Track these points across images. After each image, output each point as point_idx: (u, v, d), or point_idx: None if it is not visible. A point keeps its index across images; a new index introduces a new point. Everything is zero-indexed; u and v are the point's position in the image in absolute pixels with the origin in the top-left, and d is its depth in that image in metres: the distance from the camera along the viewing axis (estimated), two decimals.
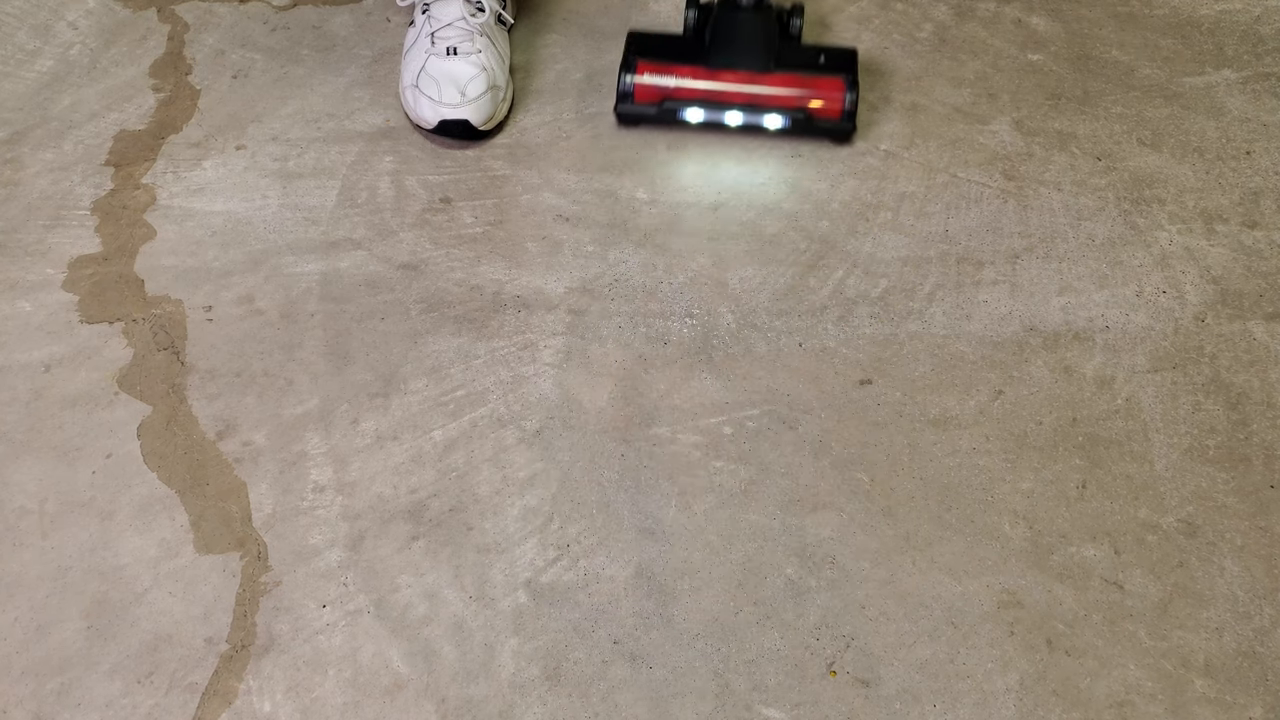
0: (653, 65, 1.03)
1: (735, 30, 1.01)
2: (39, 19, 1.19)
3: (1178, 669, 0.69)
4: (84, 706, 0.68)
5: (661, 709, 0.67)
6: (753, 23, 1.01)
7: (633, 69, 1.03)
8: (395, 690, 0.68)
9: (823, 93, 1.01)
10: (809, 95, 1.01)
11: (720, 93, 1.02)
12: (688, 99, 1.02)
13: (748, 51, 1.01)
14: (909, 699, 0.68)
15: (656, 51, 1.04)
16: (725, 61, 1.02)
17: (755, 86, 1.01)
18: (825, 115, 1.01)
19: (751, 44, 1.01)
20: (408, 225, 0.97)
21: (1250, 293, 0.91)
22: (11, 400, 0.84)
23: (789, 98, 1.01)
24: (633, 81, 1.03)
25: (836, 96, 1.01)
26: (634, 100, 1.03)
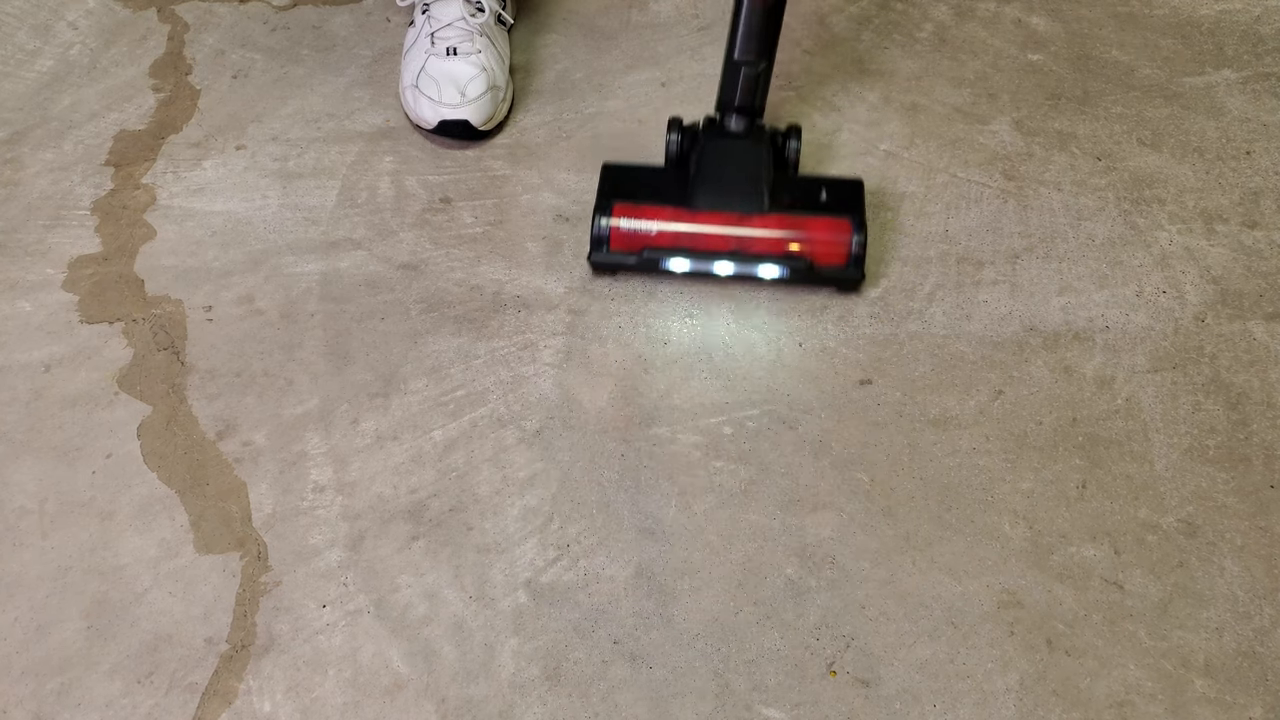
0: (630, 208, 0.89)
1: (724, 164, 0.89)
2: (39, 19, 1.19)
3: (1178, 669, 0.69)
4: (84, 706, 0.68)
5: (661, 709, 0.67)
6: (744, 154, 0.90)
7: (608, 211, 0.89)
8: (395, 690, 0.68)
9: (825, 237, 0.88)
10: (810, 241, 0.88)
11: (707, 239, 0.89)
12: (670, 247, 0.89)
13: (738, 190, 0.89)
14: (909, 699, 0.68)
15: (635, 188, 0.91)
16: (713, 202, 0.89)
17: (747, 230, 0.88)
18: (829, 263, 0.88)
19: (742, 180, 0.89)
20: (408, 225, 0.97)
21: (1250, 293, 0.91)
22: (11, 400, 0.84)
23: (786, 245, 0.88)
24: (608, 226, 0.89)
25: (842, 241, 0.88)
26: (609, 248, 0.90)
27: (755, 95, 0.89)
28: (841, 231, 0.88)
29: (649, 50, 1.16)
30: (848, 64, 1.14)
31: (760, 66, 0.87)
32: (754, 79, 0.88)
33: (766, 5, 0.85)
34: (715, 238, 0.89)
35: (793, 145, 0.92)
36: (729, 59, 0.88)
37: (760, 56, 0.87)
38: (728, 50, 0.88)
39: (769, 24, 0.86)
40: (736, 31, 0.86)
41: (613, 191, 0.91)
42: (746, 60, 0.87)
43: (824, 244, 0.88)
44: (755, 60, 0.87)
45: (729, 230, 0.88)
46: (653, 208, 0.90)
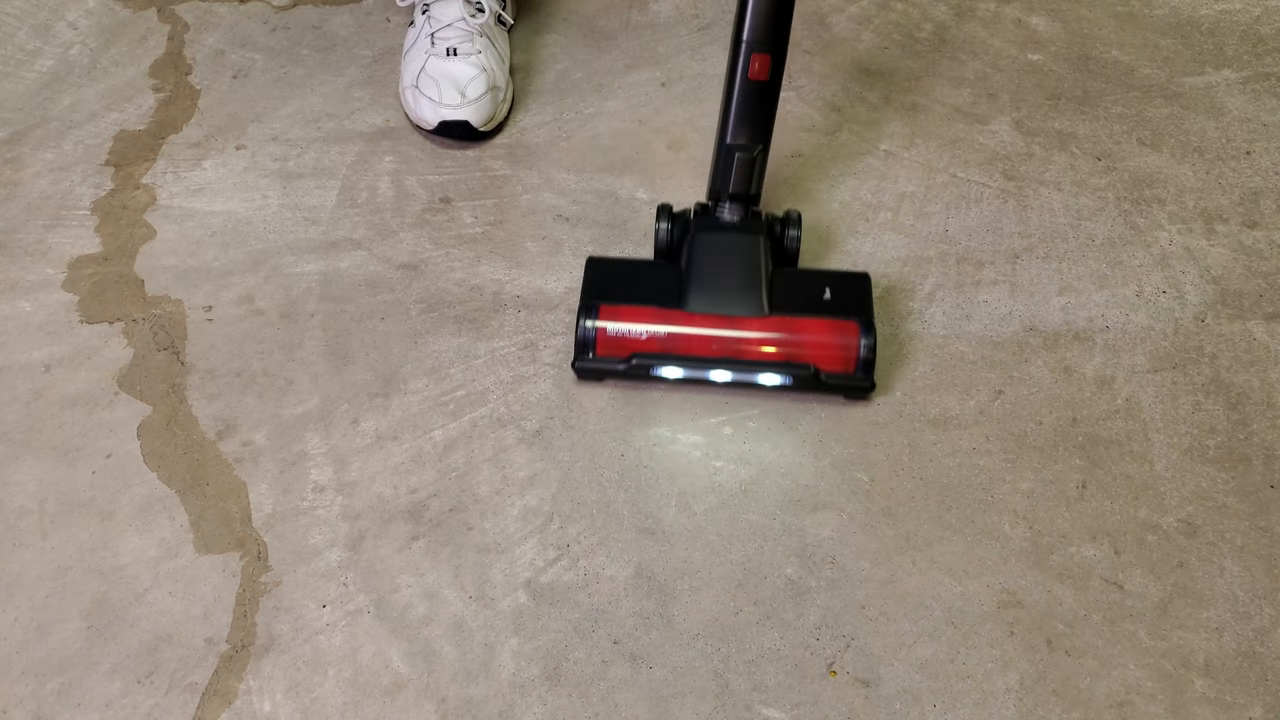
0: (617, 309, 0.82)
1: (718, 261, 0.82)
2: (39, 19, 1.19)
3: (1178, 669, 0.69)
4: (84, 706, 0.68)
5: (661, 709, 0.67)
6: (739, 249, 0.82)
7: (593, 313, 0.81)
8: (395, 690, 0.68)
9: (831, 340, 0.80)
10: (814, 346, 0.80)
11: (702, 344, 0.81)
12: (662, 353, 0.81)
13: (734, 290, 0.81)
14: (909, 699, 0.68)
15: (622, 285, 0.84)
16: (707, 303, 0.81)
17: (745, 334, 0.80)
18: (836, 369, 0.81)
19: (739, 279, 0.81)
20: (408, 225, 0.97)
21: (1250, 293, 0.91)
22: (11, 400, 0.84)
23: (789, 350, 0.81)
24: (594, 329, 0.81)
25: (849, 345, 0.80)
26: (595, 353, 0.82)
27: (751, 183, 0.82)
28: (848, 335, 0.80)
29: (649, 50, 1.16)
30: (848, 64, 1.14)
31: (755, 152, 0.81)
32: (749, 165, 0.81)
33: (761, 85, 0.79)
34: (710, 343, 0.81)
35: (792, 234, 0.85)
36: (721, 143, 0.82)
37: (755, 141, 0.81)
38: (719, 133, 0.82)
39: (764, 105, 0.80)
40: (728, 114, 0.80)
41: (598, 290, 0.83)
42: (740, 145, 0.81)
43: (830, 349, 0.80)
44: (749, 145, 0.81)
45: (725, 334, 0.81)
46: (641, 309, 0.82)
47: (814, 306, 0.82)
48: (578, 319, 0.82)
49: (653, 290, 0.83)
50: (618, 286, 0.83)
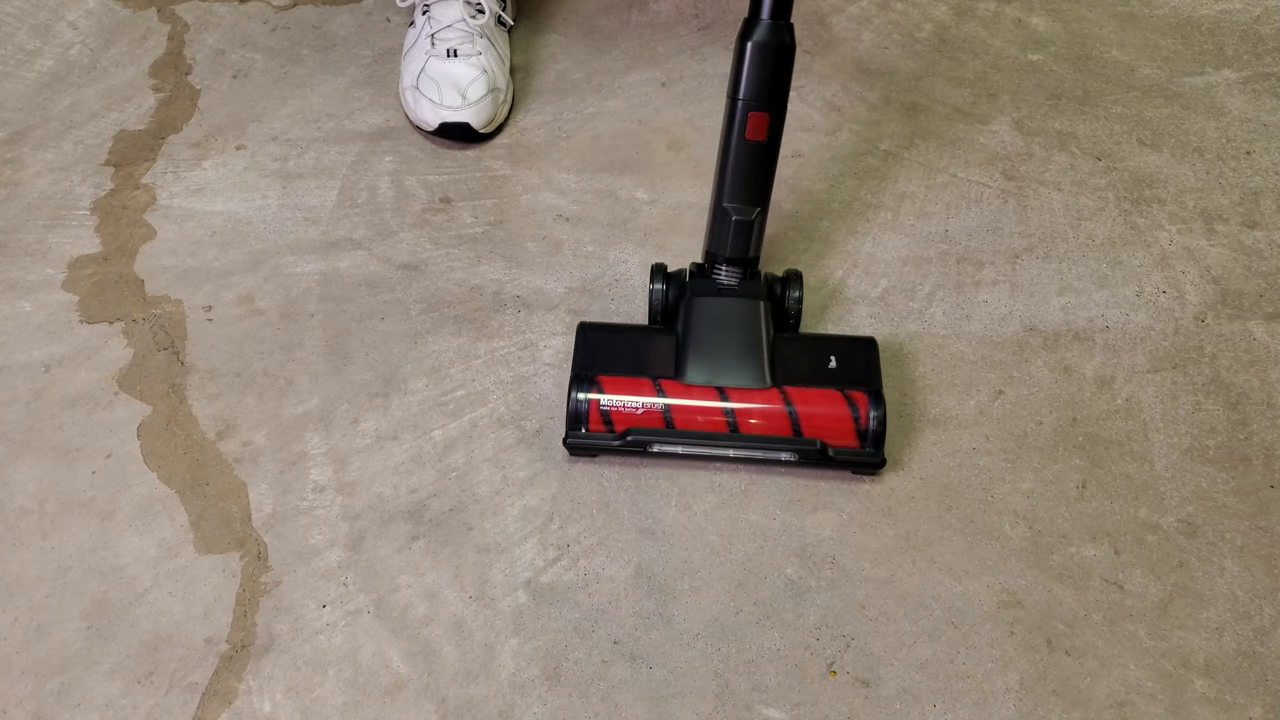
0: (612, 381, 0.77)
1: (716, 329, 0.78)
2: (39, 19, 1.19)
3: (1178, 669, 0.69)
4: (84, 706, 0.68)
5: (661, 709, 0.67)
6: (738, 316, 0.78)
7: (585, 385, 0.77)
8: (395, 690, 0.68)
9: (838, 413, 0.76)
10: (820, 419, 0.76)
11: (701, 421, 0.76)
12: (658, 429, 0.77)
13: (734, 360, 0.77)
14: (909, 699, 0.68)
15: (616, 354, 0.79)
16: (706, 375, 0.77)
17: (747, 407, 0.76)
18: (844, 443, 0.76)
19: (739, 350, 0.77)
20: (408, 225, 0.97)
21: (1250, 293, 0.91)
22: (11, 400, 0.84)
23: (793, 425, 0.76)
24: (586, 403, 0.77)
25: (858, 418, 0.76)
26: (588, 427, 0.77)
27: (749, 246, 0.78)
28: (857, 407, 0.76)
29: (649, 50, 1.16)
30: (848, 64, 1.14)
31: (753, 215, 0.77)
32: (746, 228, 0.78)
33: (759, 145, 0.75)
34: (710, 419, 0.76)
35: (793, 296, 0.81)
36: (717, 204, 0.78)
37: (753, 204, 0.77)
38: (715, 193, 0.78)
39: (762, 166, 0.77)
40: (724, 174, 0.77)
41: (591, 360, 0.79)
42: (736, 208, 0.77)
43: (837, 422, 0.76)
44: (746, 208, 0.77)
45: (726, 407, 0.76)
46: (636, 380, 0.77)
47: (819, 376, 0.77)
48: (569, 391, 0.77)
49: (648, 359, 0.79)
50: (611, 355, 0.79)
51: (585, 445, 0.78)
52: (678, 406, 0.77)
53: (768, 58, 0.74)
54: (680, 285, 0.82)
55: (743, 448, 0.77)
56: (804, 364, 0.78)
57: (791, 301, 0.81)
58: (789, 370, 0.78)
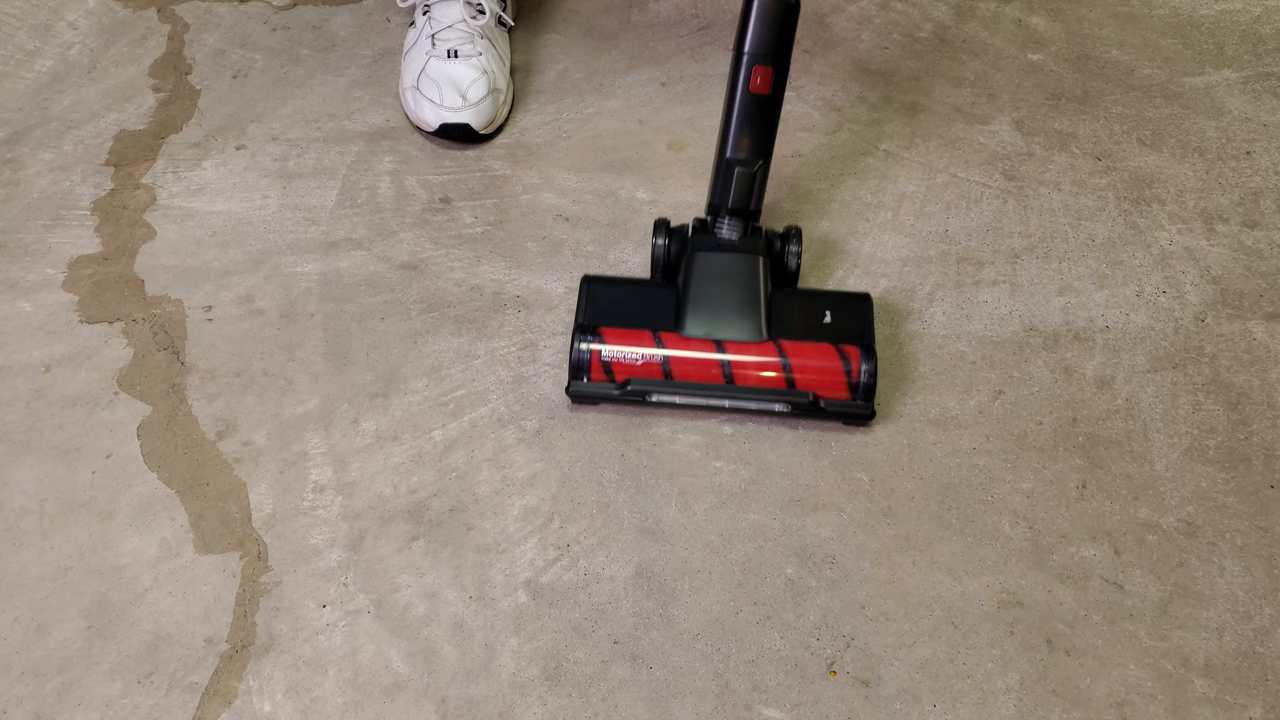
0: (612, 332, 0.80)
1: (715, 283, 0.80)
2: (39, 19, 1.19)
3: (1178, 669, 0.69)
4: (84, 706, 0.68)
5: (661, 709, 0.67)
6: (738, 271, 0.80)
7: (587, 336, 0.80)
8: (395, 690, 0.68)
9: (831, 365, 0.79)
10: (813, 371, 0.79)
11: (698, 371, 0.79)
12: (657, 379, 0.80)
13: (732, 313, 0.80)
14: (909, 699, 0.68)
15: (618, 307, 0.82)
16: (704, 328, 0.80)
17: (743, 359, 0.79)
18: (836, 396, 0.79)
19: (737, 303, 0.80)
20: (408, 225, 0.97)
21: (1250, 293, 0.91)
22: (11, 400, 0.84)
23: (787, 377, 0.79)
24: (588, 353, 0.80)
25: (850, 371, 0.78)
26: (589, 377, 0.80)
27: (751, 198, 0.80)
28: (849, 360, 0.79)
29: (649, 50, 1.16)
30: (848, 64, 1.14)
31: (755, 167, 0.79)
32: (749, 180, 0.79)
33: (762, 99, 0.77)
34: (707, 370, 0.79)
35: (792, 250, 0.82)
36: (720, 156, 0.80)
37: (756, 156, 0.79)
38: (719, 147, 0.80)
39: (765, 119, 0.78)
40: (729, 127, 0.79)
41: (593, 311, 0.82)
42: (740, 160, 0.79)
43: (829, 375, 0.79)
44: (750, 160, 0.79)
45: (722, 359, 0.79)
46: (637, 333, 0.80)
47: (814, 331, 0.80)
48: (572, 341, 0.80)
49: (649, 312, 0.81)
50: (613, 307, 0.82)
51: (587, 394, 0.81)
52: (676, 358, 0.80)
53: (773, 12, 0.77)
54: (682, 240, 0.84)
55: (737, 398, 0.80)
56: (799, 318, 0.81)
57: (790, 256, 0.83)
58: (785, 324, 0.80)
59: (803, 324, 0.80)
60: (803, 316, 0.81)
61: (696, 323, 0.80)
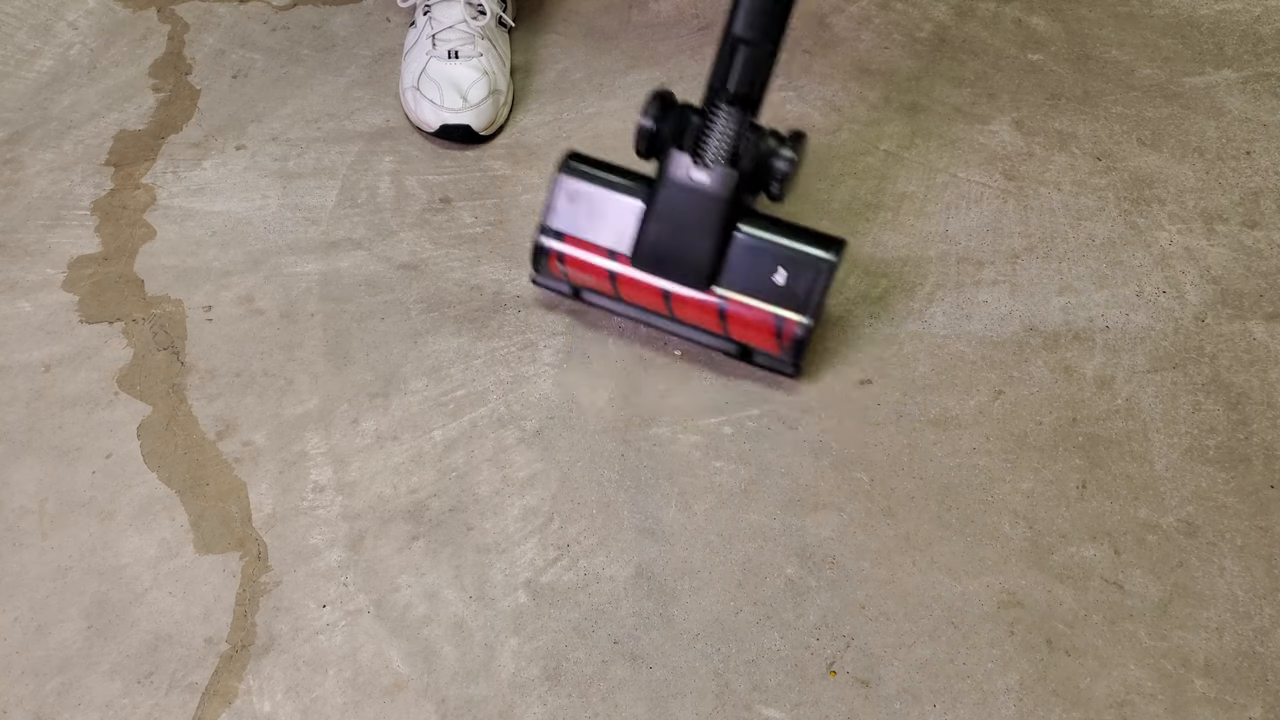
0: (576, 241, 0.83)
1: (674, 219, 0.78)
2: (39, 19, 1.19)
3: (1178, 669, 0.69)
4: (84, 706, 0.68)
5: (661, 709, 0.67)
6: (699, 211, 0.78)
7: (552, 236, 0.83)
8: (395, 690, 0.68)
9: (766, 325, 0.80)
10: (748, 328, 0.80)
11: (642, 298, 0.83)
12: (605, 294, 0.84)
13: (681, 255, 0.79)
14: (909, 699, 0.68)
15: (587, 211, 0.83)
16: (651, 262, 0.80)
17: (686, 295, 0.81)
18: (765, 349, 0.81)
19: (688, 245, 0.79)
20: (408, 225, 0.97)
21: (1250, 293, 0.91)
22: (11, 400, 0.84)
23: (722, 326, 0.81)
24: (548, 250, 0.84)
25: (784, 333, 0.79)
26: (548, 268, 0.85)
27: (754, 84, 0.76)
28: (784, 327, 0.79)
29: (649, 50, 1.16)
30: (848, 64, 1.14)
31: (765, 49, 0.74)
32: (753, 62, 0.75)
33: None
34: (650, 299, 0.82)
35: (780, 165, 0.77)
36: (726, 33, 0.75)
37: (765, 36, 0.74)
38: (726, 23, 0.74)
39: None
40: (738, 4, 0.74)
41: (562, 211, 0.84)
42: (746, 39, 0.73)
43: (762, 335, 0.80)
44: (758, 40, 0.74)
45: (665, 292, 0.81)
46: (594, 247, 0.82)
47: (762, 289, 0.79)
48: (537, 234, 0.85)
49: (613, 223, 0.82)
50: (582, 210, 0.83)
51: (544, 285, 0.88)
52: (624, 280, 0.83)
53: None
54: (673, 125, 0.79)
55: (676, 329, 0.84)
56: (750, 269, 0.79)
57: (776, 171, 0.77)
58: (734, 273, 0.79)
59: (752, 277, 0.79)
60: (755, 268, 0.79)
61: (646, 257, 0.81)
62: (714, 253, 0.79)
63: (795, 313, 0.79)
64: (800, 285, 0.78)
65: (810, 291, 0.79)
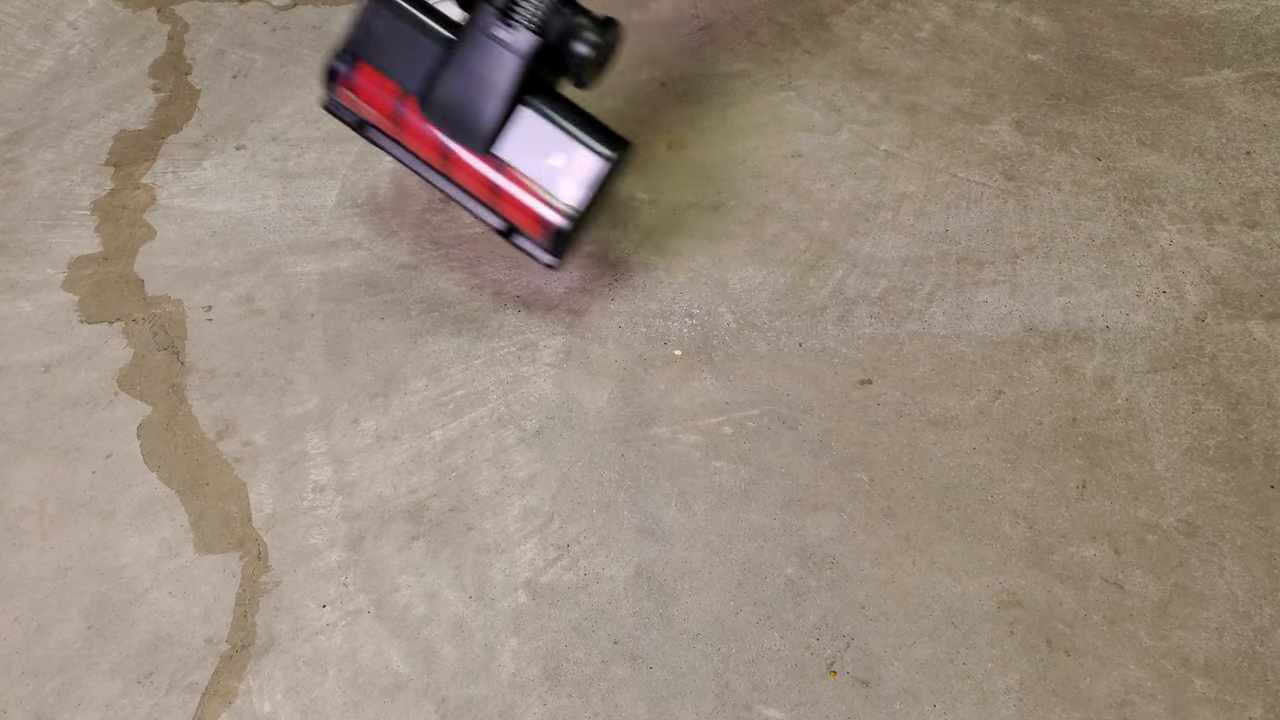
0: (368, 72, 0.81)
1: (468, 73, 0.77)
2: (39, 19, 1.19)
3: (1178, 669, 0.69)
4: (84, 706, 0.68)
5: (661, 709, 0.67)
6: (492, 71, 0.76)
7: (346, 60, 0.82)
8: (395, 690, 0.68)
9: (532, 209, 0.79)
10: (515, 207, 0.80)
11: (420, 147, 0.82)
12: (387, 134, 0.84)
13: (467, 113, 0.78)
14: (909, 699, 0.68)
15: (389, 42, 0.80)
16: (438, 115, 0.79)
17: (463, 157, 0.80)
18: (529, 232, 0.81)
19: (476, 108, 0.77)
20: (408, 225, 0.97)
21: (1250, 293, 0.91)
22: (11, 400, 0.84)
23: (492, 196, 0.81)
24: (337, 79, 0.83)
25: (547, 222, 0.79)
26: (337, 94, 0.84)
27: None
28: (550, 214, 0.78)
29: (649, 50, 1.16)
30: (848, 64, 1.14)
31: None
32: None
33: None
34: (431, 150, 0.80)
35: (580, 48, 0.75)
36: None
37: None
38: None
39: None
40: None
41: (363, 39, 0.80)
42: None
43: (528, 216, 0.79)
44: None
45: (443, 148, 0.80)
46: (387, 83, 0.80)
47: (536, 167, 0.78)
48: (332, 57, 0.81)
49: (412, 61, 0.79)
50: (384, 39, 0.80)
51: (332, 113, 0.85)
52: (408, 126, 0.80)
53: None
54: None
55: (450, 190, 0.82)
56: (530, 146, 0.78)
57: (577, 53, 0.76)
58: (513, 144, 0.79)
59: (529, 156, 0.78)
60: (533, 147, 0.78)
61: (435, 108, 0.79)
62: (498, 116, 0.78)
63: (563, 201, 0.78)
64: (574, 175, 0.78)
65: (582, 183, 0.77)
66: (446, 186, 0.82)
